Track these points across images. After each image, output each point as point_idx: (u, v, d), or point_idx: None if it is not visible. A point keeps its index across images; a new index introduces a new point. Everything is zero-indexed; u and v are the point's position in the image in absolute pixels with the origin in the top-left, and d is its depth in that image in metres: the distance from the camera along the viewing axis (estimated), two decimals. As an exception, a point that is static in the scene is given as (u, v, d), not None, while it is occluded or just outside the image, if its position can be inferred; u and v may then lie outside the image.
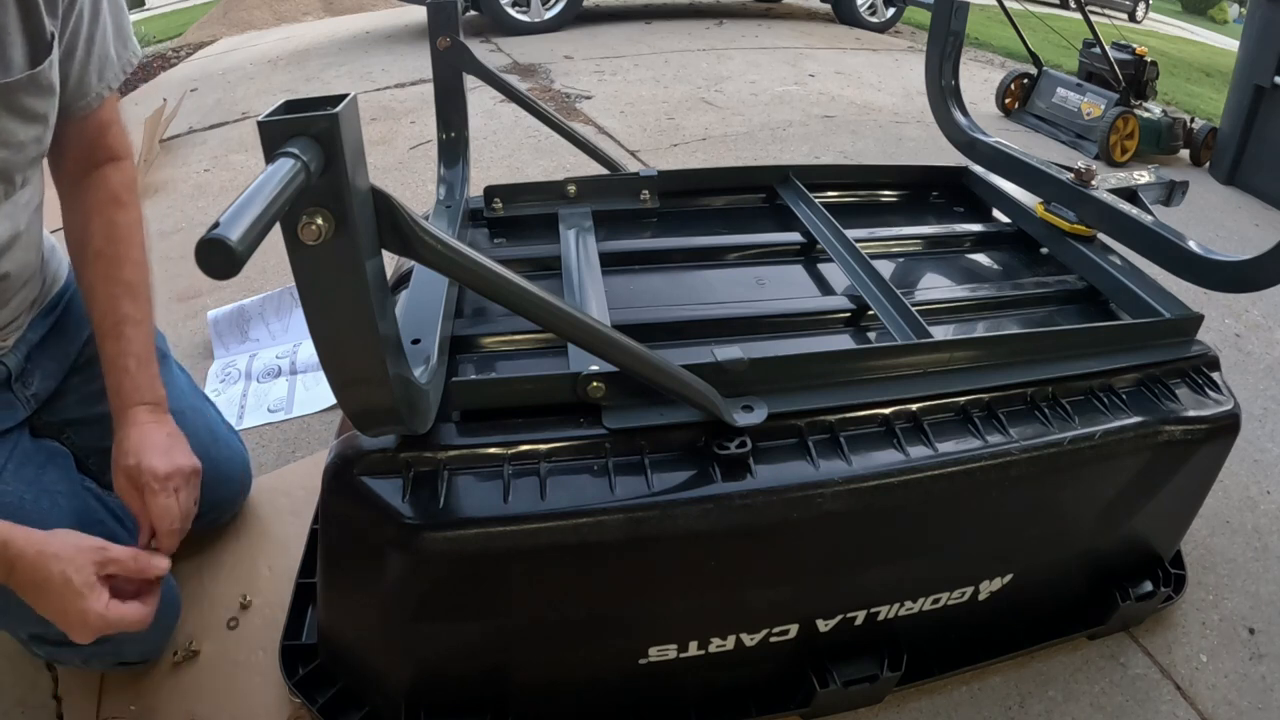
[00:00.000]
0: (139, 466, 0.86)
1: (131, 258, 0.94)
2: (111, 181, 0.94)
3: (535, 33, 4.40)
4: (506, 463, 0.75)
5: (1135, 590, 1.01)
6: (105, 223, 0.93)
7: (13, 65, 0.75)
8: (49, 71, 0.79)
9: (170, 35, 5.38)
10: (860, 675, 0.90)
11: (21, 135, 0.79)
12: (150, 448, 0.88)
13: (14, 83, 0.75)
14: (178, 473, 0.88)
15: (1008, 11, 3.00)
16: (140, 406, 0.91)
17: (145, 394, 0.91)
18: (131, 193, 0.96)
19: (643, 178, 1.25)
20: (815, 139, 2.88)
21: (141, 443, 0.88)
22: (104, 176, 0.94)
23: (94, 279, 0.92)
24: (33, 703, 0.95)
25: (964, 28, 1.33)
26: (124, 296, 0.91)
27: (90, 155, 0.94)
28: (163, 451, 0.89)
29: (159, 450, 0.88)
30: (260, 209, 0.40)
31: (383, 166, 2.53)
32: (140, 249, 0.95)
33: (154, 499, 0.86)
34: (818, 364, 0.84)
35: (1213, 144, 2.87)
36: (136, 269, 0.94)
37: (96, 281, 0.92)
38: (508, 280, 0.62)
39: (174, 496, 0.87)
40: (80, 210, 0.93)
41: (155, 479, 0.86)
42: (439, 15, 1.15)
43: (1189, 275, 1.02)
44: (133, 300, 0.92)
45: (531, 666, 0.83)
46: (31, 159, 0.83)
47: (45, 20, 0.77)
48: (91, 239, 0.92)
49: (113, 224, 0.93)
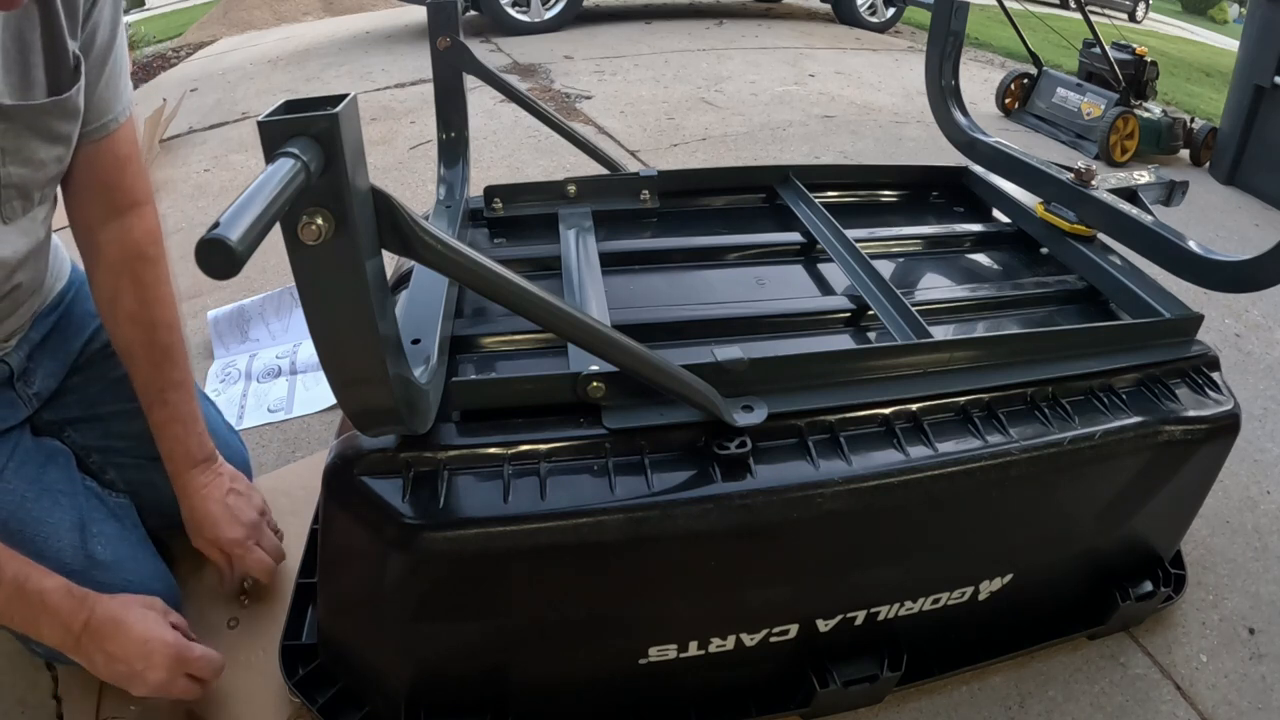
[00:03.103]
0: (219, 539, 0.97)
1: (165, 320, 0.93)
2: (135, 233, 0.91)
3: (535, 33, 4.39)
4: (506, 463, 0.75)
5: (1135, 590, 1.01)
6: (134, 283, 0.91)
7: (36, 85, 0.75)
8: (76, 97, 0.79)
9: (170, 35, 5.38)
10: (860, 675, 0.90)
11: (43, 155, 0.79)
12: (220, 519, 0.97)
13: (41, 106, 0.76)
14: (253, 528, 0.99)
15: (1008, 11, 3.00)
16: (195, 469, 0.97)
17: (197, 455, 0.97)
18: (158, 245, 0.94)
19: (643, 178, 1.25)
20: (815, 139, 2.88)
21: (210, 514, 0.97)
22: (127, 229, 0.91)
23: (131, 343, 0.93)
24: (33, 703, 0.95)
25: (964, 28, 1.33)
26: (164, 362, 0.93)
27: (110, 198, 0.90)
28: (232, 518, 0.98)
29: (228, 518, 0.97)
30: (260, 209, 0.40)
31: (383, 166, 2.53)
32: (172, 307, 0.95)
33: (245, 561, 0.98)
34: (818, 364, 0.84)
35: (1213, 144, 2.87)
36: (170, 331, 0.94)
37: (135, 347, 0.93)
38: (508, 280, 0.62)
39: (258, 550, 0.99)
40: (105, 266, 0.91)
41: (238, 546, 0.97)
42: (439, 15, 1.15)
43: (1189, 275, 1.02)
44: (172, 364, 0.94)
45: (531, 666, 0.83)
46: (51, 177, 0.83)
47: (69, 43, 0.77)
48: (122, 300, 0.92)
49: (142, 284, 0.92)
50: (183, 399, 0.95)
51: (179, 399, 0.95)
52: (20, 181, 0.79)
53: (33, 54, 0.74)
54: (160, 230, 0.95)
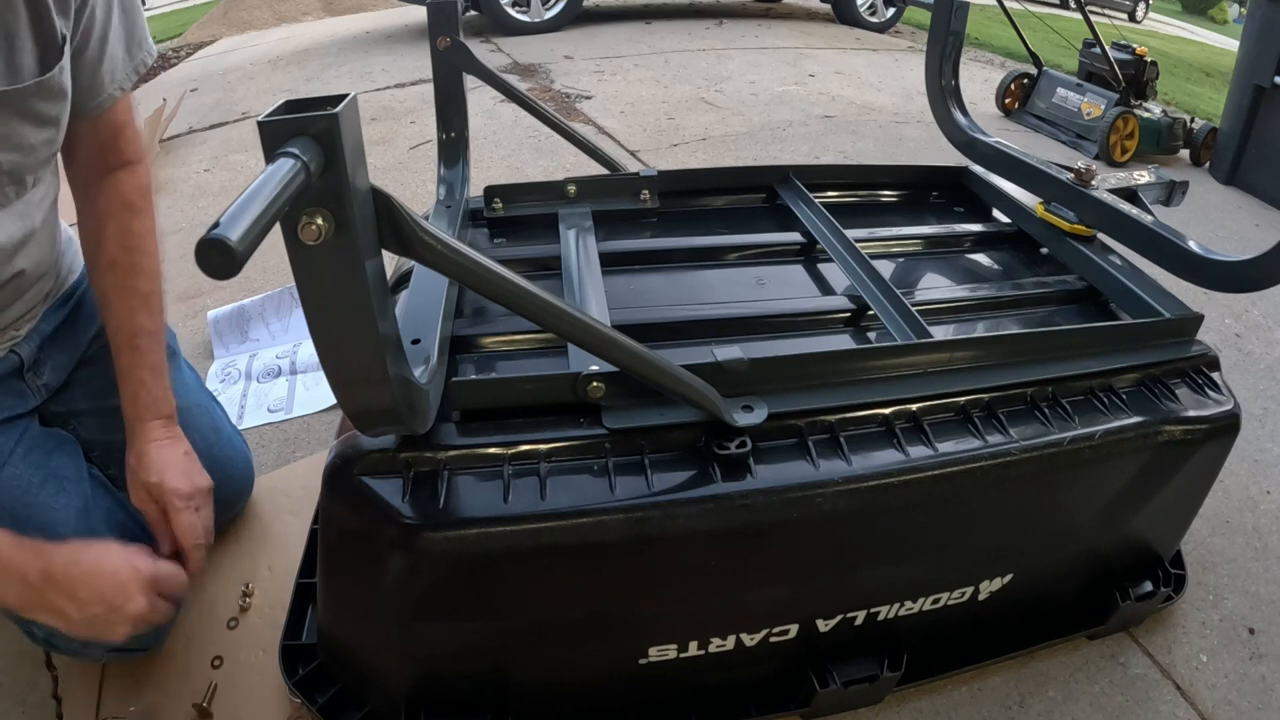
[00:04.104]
0: (162, 485, 0.90)
1: (146, 268, 0.94)
2: (125, 187, 0.94)
3: (535, 33, 4.39)
4: (506, 463, 0.75)
5: (1135, 590, 1.01)
6: (120, 230, 0.93)
7: (23, 70, 0.75)
8: (60, 76, 0.79)
9: (170, 35, 5.38)
10: (860, 675, 0.90)
11: (32, 138, 0.79)
12: (171, 467, 0.92)
13: (25, 89, 0.75)
14: (198, 492, 0.93)
15: (1008, 11, 3.00)
16: (155, 421, 0.94)
17: (161, 407, 0.94)
18: (146, 198, 0.96)
19: (643, 178, 1.25)
20: (815, 139, 2.88)
21: (162, 462, 0.92)
22: (118, 181, 0.94)
23: (109, 287, 0.93)
24: (33, 702, 0.95)
25: (964, 28, 1.33)
26: (140, 309, 0.93)
27: (104, 158, 0.93)
28: (183, 472, 0.93)
29: (180, 470, 0.92)
30: (260, 209, 0.40)
31: (383, 166, 2.53)
32: (154, 257, 0.96)
33: (179, 517, 0.90)
34: (818, 364, 0.84)
35: (1213, 144, 2.87)
36: (150, 279, 0.95)
37: (111, 291, 0.93)
38: (508, 280, 0.62)
39: (197, 514, 0.92)
40: (94, 215, 0.94)
41: (179, 498, 0.91)
42: (439, 15, 1.15)
43: (1189, 275, 1.02)
44: (148, 312, 0.94)
45: (531, 666, 0.83)
46: (43, 160, 0.83)
47: (56, 21, 0.77)
48: (106, 246, 0.93)
49: (127, 231, 0.93)
50: (154, 347, 0.94)
51: (150, 346, 0.94)
52: (11, 167, 0.79)
53: (16, 39, 0.74)
54: (150, 186, 0.97)
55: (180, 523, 0.90)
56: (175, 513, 0.90)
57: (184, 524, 0.90)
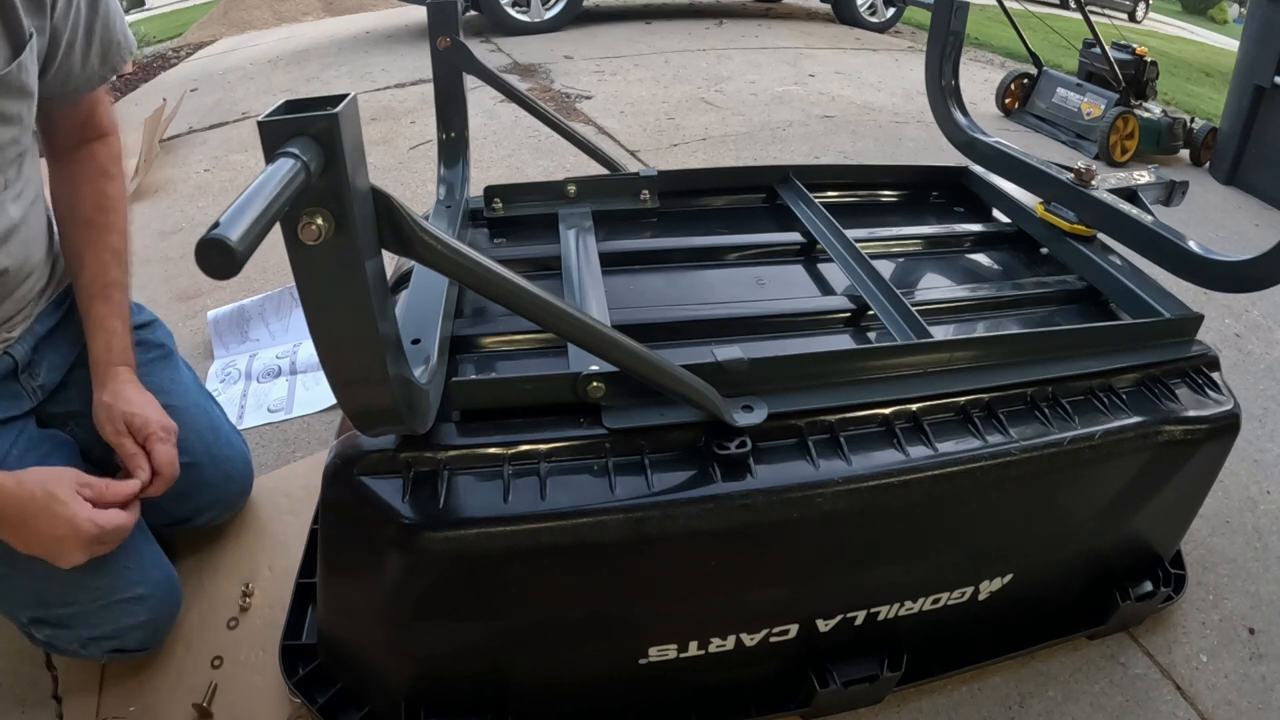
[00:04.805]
0: (146, 417, 0.94)
1: (118, 227, 1.00)
2: (100, 156, 1.00)
3: (535, 33, 4.39)
4: (506, 463, 0.75)
5: (1135, 590, 1.01)
6: (95, 193, 0.98)
7: None
8: (18, 73, 0.80)
9: (170, 35, 5.38)
10: (860, 675, 0.90)
11: None
12: (150, 404, 0.96)
13: None
14: (169, 431, 0.96)
15: (1008, 11, 3.00)
16: (124, 366, 0.97)
17: (129, 357, 0.99)
18: (118, 165, 1.02)
19: (643, 178, 1.25)
20: (815, 139, 2.88)
21: (141, 399, 0.96)
22: (93, 151, 1.00)
23: (83, 245, 0.97)
24: (33, 702, 0.95)
25: (964, 28, 1.33)
26: (113, 263, 0.98)
27: (81, 133, 0.99)
28: (159, 409, 0.96)
29: (156, 407, 0.96)
30: (260, 209, 0.40)
31: (383, 166, 2.53)
32: (124, 219, 1.01)
33: (160, 446, 0.93)
34: (818, 364, 0.84)
35: (1213, 144, 2.87)
36: (121, 237, 1.00)
37: (86, 247, 0.97)
38: (508, 280, 0.62)
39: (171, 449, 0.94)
40: (69, 180, 0.99)
41: (163, 429, 0.94)
42: (439, 15, 1.15)
43: (1189, 275, 1.02)
44: (119, 267, 0.99)
45: (531, 666, 0.83)
46: (10, 160, 0.85)
47: (24, 20, 0.78)
48: (81, 206, 0.98)
49: (102, 194, 0.99)
50: (125, 300, 0.99)
51: (122, 299, 0.98)
52: None
53: None
54: (120, 154, 1.04)
55: (162, 452, 0.93)
56: (158, 442, 0.93)
57: (166, 454, 0.93)
